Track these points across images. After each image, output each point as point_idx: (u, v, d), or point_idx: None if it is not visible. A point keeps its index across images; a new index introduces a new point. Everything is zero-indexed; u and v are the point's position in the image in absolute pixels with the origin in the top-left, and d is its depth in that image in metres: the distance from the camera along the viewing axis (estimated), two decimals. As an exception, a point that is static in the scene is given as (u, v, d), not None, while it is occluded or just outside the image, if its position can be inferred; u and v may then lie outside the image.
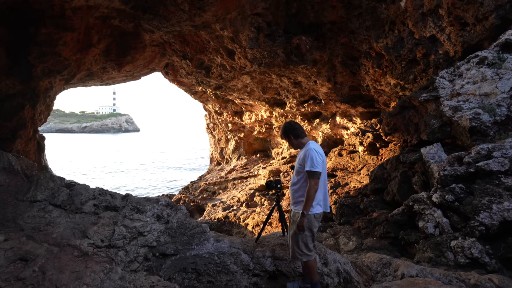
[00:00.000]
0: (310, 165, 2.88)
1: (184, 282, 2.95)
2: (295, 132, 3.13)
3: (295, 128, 3.16)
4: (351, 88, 9.94)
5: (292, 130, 3.15)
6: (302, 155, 3.03)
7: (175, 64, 12.24)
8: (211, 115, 19.68)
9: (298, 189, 3.05)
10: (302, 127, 3.27)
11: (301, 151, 3.09)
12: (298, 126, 3.22)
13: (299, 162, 3.06)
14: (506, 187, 3.82)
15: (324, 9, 8.05)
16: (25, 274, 2.40)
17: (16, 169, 3.98)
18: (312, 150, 2.93)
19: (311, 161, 2.88)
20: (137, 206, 3.55)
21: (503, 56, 5.23)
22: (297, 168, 3.10)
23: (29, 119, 7.77)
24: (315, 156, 2.90)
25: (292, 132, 3.13)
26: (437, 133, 5.52)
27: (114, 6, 6.89)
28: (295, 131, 3.14)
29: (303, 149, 3.07)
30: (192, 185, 18.07)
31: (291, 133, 3.13)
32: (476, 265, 3.57)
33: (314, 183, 2.86)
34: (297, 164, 3.10)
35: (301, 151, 3.10)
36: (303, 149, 3.07)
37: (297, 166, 3.09)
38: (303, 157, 2.99)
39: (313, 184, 2.86)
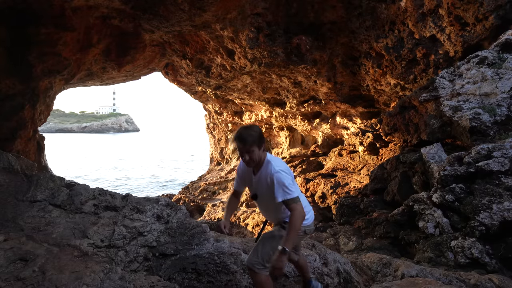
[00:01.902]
0: (283, 193, 2.17)
1: (184, 282, 2.95)
2: (263, 141, 2.31)
3: (263, 136, 2.35)
4: (351, 88, 9.94)
5: (263, 138, 2.31)
6: (266, 179, 2.27)
7: (175, 64, 12.25)
8: (211, 115, 19.68)
9: (278, 210, 2.37)
10: None
11: (260, 173, 2.33)
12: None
13: (266, 186, 2.29)
14: (506, 187, 3.82)
15: (324, 9, 8.05)
16: (25, 274, 2.40)
17: (16, 169, 3.98)
18: (279, 173, 2.21)
19: (284, 186, 2.18)
20: (137, 206, 3.55)
21: (503, 56, 5.23)
22: (266, 193, 2.31)
23: (29, 119, 7.77)
24: (284, 178, 2.20)
25: (262, 141, 2.28)
26: (437, 133, 5.52)
27: (114, 6, 6.89)
28: (263, 140, 2.33)
29: (263, 169, 2.31)
30: (192, 185, 18.07)
31: (261, 142, 2.27)
32: (476, 265, 3.57)
33: (299, 209, 2.17)
34: (263, 188, 2.32)
35: (260, 172, 2.33)
36: (263, 169, 2.31)
37: (265, 191, 2.32)
38: (267, 181, 2.26)
39: (299, 210, 2.17)
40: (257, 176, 2.38)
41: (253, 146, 2.21)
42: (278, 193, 2.20)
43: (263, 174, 2.32)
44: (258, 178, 2.38)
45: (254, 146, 2.22)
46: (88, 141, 68.90)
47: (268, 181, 2.27)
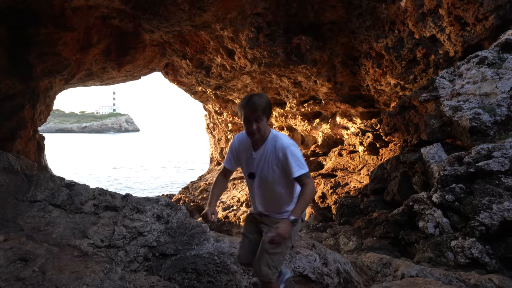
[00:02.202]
0: (299, 168, 2.04)
1: (184, 282, 2.95)
2: (271, 113, 2.14)
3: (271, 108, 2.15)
4: (351, 88, 9.94)
5: (271, 109, 2.13)
6: (275, 153, 2.09)
7: (175, 64, 12.25)
8: (211, 115, 19.68)
9: (278, 195, 2.21)
10: None
11: (265, 148, 2.13)
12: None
13: (273, 163, 2.11)
14: (506, 187, 3.82)
15: (324, 9, 8.05)
16: (25, 274, 2.40)
17: (16, 169, 3.98)
18: (292, 146, 2.08)
19: (298, 160, 2.05)
20: (137, 206, 3.55)
21: (503, 56, 5.23)
22: (268, 173, 2.14)
23: (29, 119, 7.78)
24: (298, 152, 2.09)
25: (270, 112, 2.12)
26: (437, 133, 5.52)
27: (114, 6, 6.89)
28: (271, 112, 2.15)
29: (269, 144, 2.12)
30: (192, 185, 18.06)
31: (270, 113, 2.11)
32: (476, 265, 3.57)
33: (312, 183, 2.10)
34: (269, 165, 2.13)
35: (265, 147, 2.13)
36: (269, 144, 2.12)
37: (270, 169, 2.13)
38: (278, 156, 2.08)
39: (313, 184, 2.10)
40: (260, 152, 2.15)
41: (263, 114, 2.04)
42: (295, 167, 2.04)
43: (269, 150, 2.12)
44: (260, 154, 2.15)
45: (264, 115, 2.04)
46: (88, 141, 68.91)
47: (279, 155, 2.08)
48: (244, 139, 2.24)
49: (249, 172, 2.25)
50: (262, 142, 2.15)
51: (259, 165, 2.18)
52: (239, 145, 2.29)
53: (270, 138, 2.15)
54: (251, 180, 2.26)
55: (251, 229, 2.42)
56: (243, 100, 2.07)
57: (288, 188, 2.21)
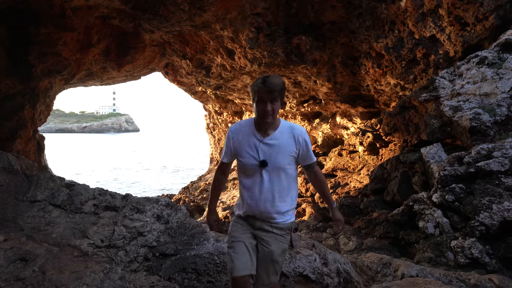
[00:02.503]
0: (312, 153, 2.11)
1: (184, 282, 2.95)
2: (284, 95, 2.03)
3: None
4: (351, 88, 9.94)
5: (285, 91, 2.03)
6: (294, 138, 2.02)
7: (175, 64, 12.25)
8: (211, 115, 19.68)
9: (287, 188, 2.06)
10: None
11: (280, 132, 2.02)
12: None
13: (290, 150, 2.01)
14: (506, 187, 3.82)
15: (324, 9, 8.05)
16: (25, 274, 2.40)
17: (16, 169, 3.97)
18: (306, 133, 2.08)
19: (310, 147, 2.10)
20: (137, 206, 3.55)
21: (503, 56, 5.23)
22: (283, 161, 2.00)
23: (29, 119, 7.78)
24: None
25: (284, 94, 2.01)
26: (437, 133, 5.52)
27: (114, 6, 6.89)
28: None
29: (285, 128, 2.04)
30: (192, 185, 18.06)
31: (284, 95, 2.00)
32: (476, 265, 3.57)
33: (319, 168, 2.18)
34: (285, 152, 2.00)
35: (280, 132, 2.02)
36: (285, 128, 2.04)
37: (287, 157, 2.01)
38: (298, 141, 2.02)
39: (320, 170, 2.20)
40: (274, 137, 2.01)
41: (279, 96, 1.93)
42: (311, 153, 2.10)
43: (286, 135, 2.02)
44: (275, 140, 2.01)
45: (279, 97, 1.94)
46: (88, 141, 68.92)
47: (300, 141, 2.03)
48: (245, 125, 2.09)
49: (260, 160, 2.00)
50: (275, 127, 2.04)
51: (273, 152, 2.00)
52: (237, 132, 2.10)
53: (284, 124, 2.08)
54: (261, 169, 2.01)
55: (245, 236, 2.11)
56: (257, 81, 1.94)
57: (296, 182, 2.15)
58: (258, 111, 1.96)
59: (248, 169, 2.07)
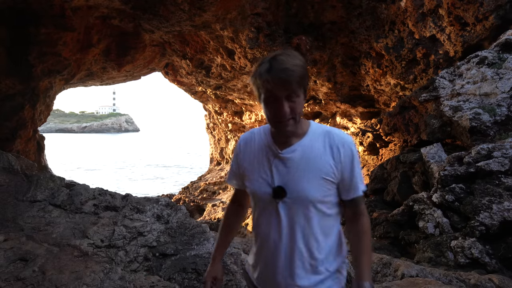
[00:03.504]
0: (359, 179, 1.26)
1: (184, 282, 2.95)
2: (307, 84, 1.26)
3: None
4: (351, 88, 9.94)
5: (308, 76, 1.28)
6: (331, 151, 1.23)
7: (175, 64, 12.25)
8: (211, 115, 19.67)
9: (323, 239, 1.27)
10: None
11: (308, 142, 1.25)
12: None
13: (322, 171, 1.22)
14: (506, 187, 3.82)
15: (324, 9, 8.06)
16: (25, 274, 2.40)
17: (16, 169, 3.97)
18: (352, 141, 1.27)
19: (359, 169, 1.27)
20: (137, 206, 3.55)
21: (503, 56, 5.23)
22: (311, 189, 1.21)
23: (29, 119, 7.78)
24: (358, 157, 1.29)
25: (308, 81, 1.25)
26: (437, 133, 5.52)
27: (114, 6, 6.89)
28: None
29: (316, 136, 1.26)
30: (192, 185, 18.07)
31: (307, 84, 1.24)
32: (476, 265, 3.57)
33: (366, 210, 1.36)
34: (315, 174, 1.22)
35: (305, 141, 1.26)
36: (316, 136, 1.26)
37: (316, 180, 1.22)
38: (337, 157, 1.23)
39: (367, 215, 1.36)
40: (296, 150, 1.24)
41: (300, 87, 1.17)
42: (359, 179, 1.24)
43: (316, 144, 1.24)
44: (296, 152, 1.23)
45: (300, 89, 1.17)
46: (88, 141, 68.92)
47: (340, 153, 1.21)
48: (259, 134, 1.36)
49: (274, 186, 1.23)
50: (300, 134, 1.26)
51: (295, 173, 1.22)
52: (247, 144, 1.38)
53: (315, 128, 1.29)
54: (277, 202, 1.24)
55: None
56: (261, 66, 1.17)
57: (337, 219, 1.33)
58: (269, 115, 1.20)
59: (258, 201, 1.32)
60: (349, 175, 1.24)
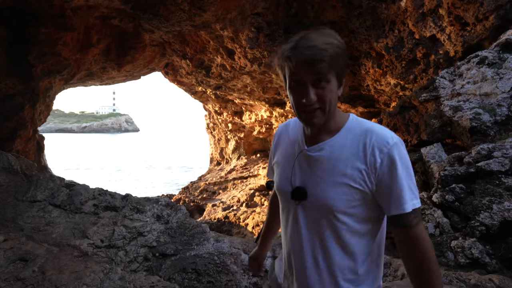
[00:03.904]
0: (412, 192, 1.01)
1: (184, 282, 2.95)
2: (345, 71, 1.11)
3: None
4: (351, 88, 9.95)
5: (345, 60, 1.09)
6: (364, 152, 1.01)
7: (175, 64, 12.25)
8: (211, 115, 19.68)
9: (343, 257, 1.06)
10: None
11: (339, 138, 1.06)
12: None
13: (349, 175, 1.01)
14: (506, 187, 3.81)
15: (324, 9, 8.06)
16: (24, 274, 2.40)
17: (16, 169, 3.97)
18: (402, 147, 1.02)
19: (411, 180, 1.03)
20: (137, 206, 3.54)
21: (504, 56, 5.23)
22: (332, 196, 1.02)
23: (29, 119, 7.78)
24: (410, 163, 1.04)
25: (344, 66, 1.10)
26: (437, 133, 5.52)
27: (114, 6, 6.89)
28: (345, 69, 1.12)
29: (350, 131, 1.06)
30: (192, 185, 18.06)
31: (344, 69, 1.10)
32: (476, 265, 3.56)
33: (428, 236, 1.06)
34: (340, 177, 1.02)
35: (337, 137, 1.06)
36: (350, 131, 1.06)
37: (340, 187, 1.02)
38: (371, 160, 1.00)
39: (429, 239, 1.06)
40: (323, 145, 1.08)
41: (331, 71, 1.00)
42: (407, 192, 0.99)
43: (349, 142, 1.05)
44: (322, 151, 1.07)
45: (332, 73, 1.01)
46: (88, 141, 68.91)
47: (375, 156, 1.00)
48: (294, 125, 1.23)
49: (295, 187, 1.11)
50: (334, 129, 1.09)
51: (317, 175, 1.07)
52: (281, 135, 1.27)
53: (353, 123, 1.09)
54: (296, 205, 1.11)
55: None
56: (288, 44, 1.01)
57: (370, 239, 1.12)
58: (293, 102, 1.05)
59: (281, 199, 1.20)
60: (387, 186, 1.00)
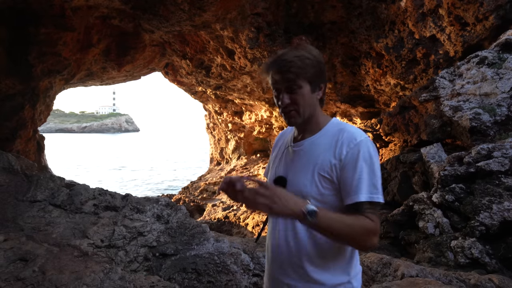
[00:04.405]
0: (369, 188, 1.11)
1: (184, 282, 2.95)
2: (323, 79, 1.27)
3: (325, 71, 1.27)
4: (351, 88, 9.95)
5: (323, 72, 1.25)
6: (334, 148, 1.18)
7: (175, 64, 12.25)
8: (211, 115, 19.68)
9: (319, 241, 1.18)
10: None
11: (318, 136, 1.25)
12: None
13: (320, 167, 1.18)
14: (506, 187, 3.82)
15: (324, 9, 8.06)
16: (25, 274, 2.40)
17: (16, 169, 3.97)
18: (372, 147, 1.16)
19: (375, 177, 1.13)
20: (137, 206, 3.55)
21: (503, 56, 5.23)
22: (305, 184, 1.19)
23: (29, 119, 7.78)
24: (377, 160, 1.15)
25: (322, 76, 1.25)
26: (437, 133, 5.52)
27: (114, 6, 6.89)
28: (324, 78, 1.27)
29: (329, 132, 1.24)
30: (192, 185, 18.06)
31: (319, 78, 1.24)
32: (476, 265, 3.57)
33: (378, 227, 1.11)
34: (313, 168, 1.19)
35: (317, 136, 1.26)
36: (329, 132, 1.24)
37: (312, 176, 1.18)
38: (338, 154, 1.16)
39: (377, 228, 1.11)
40: (304, 143, 1.26)
41: (300, 79, 1.17)
42: (364, 185, 1.10)
43: (323, 142, 1.21)
44: (304, 148, 1.25)
45: (301, 80, 1.17)
46: (88, 141, 68.91)
47: (342, 150, 1.15)
48: (290, 130, 1.42)
49: (276, 176, 1.28)
50: (313, 132, 1.27)
51: (297, 166, 1.24)
52: (280, 137, 1.49)
53: (333, 125, 1.27)
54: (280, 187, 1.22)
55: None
56: (269, 59, 1.25)
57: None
58: (278, 107, 1.26)
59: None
60: (350, 177, 1.12)
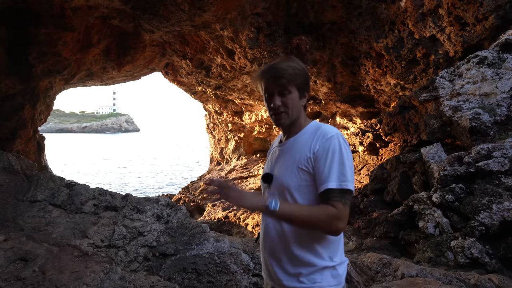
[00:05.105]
0: (338, 176, 1.24)
1: (184, 282, 2.95)
2: (307, 88, 1.44)
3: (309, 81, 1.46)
4: (351, 88, 9.95)
5: (308, 82, 1.44)
6: (310, 144, 1.33)
7: (175, 64, 12.25)
8: (211, 115, 19.68)
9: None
10: None
11: (299, 135, 1.41)
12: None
13: (299, 161, 1.32)
14: (506, 187, 3.82)
15: (324, 9, 8.06)
16: (25, 274, 2.40)
17: (16, 169, 3.97)
18: (343, 142, 1.31)
19: (344, 168, 1.26)
20: (137, 206, 3.55)
21: (503, 56, 5.23)
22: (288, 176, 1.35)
23: (29, 119, 7.78)
24: (346, 152, 1.30)
25: (306, 84, 1.43)
26: (437, 133, 5.52)
27: (114, 6, 6.89)
28: (308, 87, 1.45)
29: (308, 131, 1.40)
30: (192, 185, 18.06)
31: (305, 86, 1.42)
32: (476, 265, 3.57)
33: (344, 215, 1.24)
34: (293, 163, 1.35)
35: (296, 137, 1.42)
36: (308, 131, 1.40)
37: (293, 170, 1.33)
38: (312, 148, 1.31)
39: (342, 216, 1.23)
40: (288, 142, 1.44)
41: (291, 85, 1.35)
42: (332, 174, 1.23)
43: (302, 140, 1.37)
44: (287, 146, 1.43)
45: (292, 86, 1.36)
46: (88, 141, 68.91)
47: (316, 144, 1.30)
48: (280, 136, 1.61)
49: (264, 173, 1.47)
50: (296, 132, 1.43)
51: (281, 162, 1.41)
52: (275, 143, 1.63)
53: (313, 125, 1.42)
54: (266, 186, 1.45)
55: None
56: (263, 67, 1.44)
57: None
58: (268, 109, 1.44)
59: (261, 185, 1.54)
60: (321, 167, 1.28)
